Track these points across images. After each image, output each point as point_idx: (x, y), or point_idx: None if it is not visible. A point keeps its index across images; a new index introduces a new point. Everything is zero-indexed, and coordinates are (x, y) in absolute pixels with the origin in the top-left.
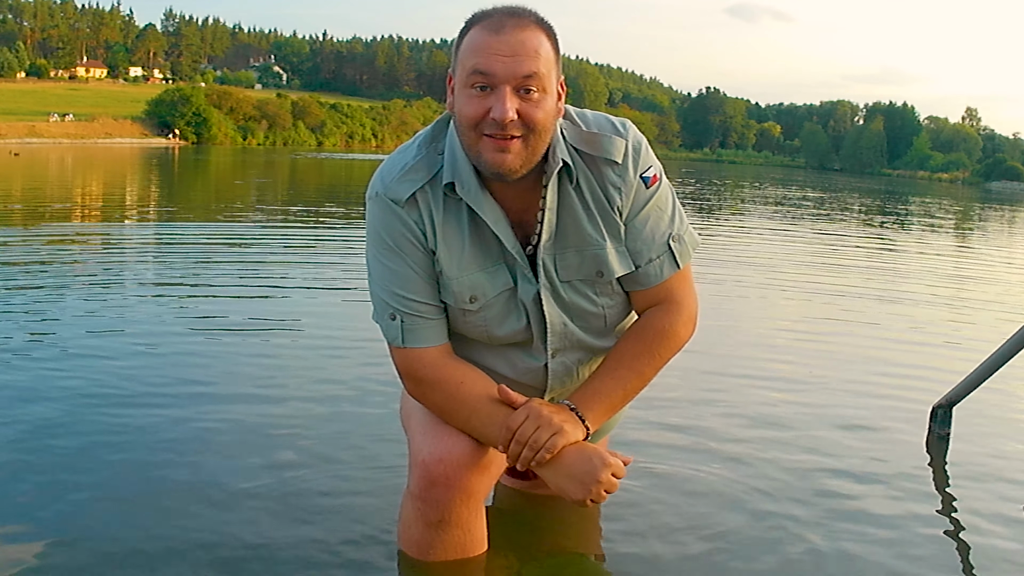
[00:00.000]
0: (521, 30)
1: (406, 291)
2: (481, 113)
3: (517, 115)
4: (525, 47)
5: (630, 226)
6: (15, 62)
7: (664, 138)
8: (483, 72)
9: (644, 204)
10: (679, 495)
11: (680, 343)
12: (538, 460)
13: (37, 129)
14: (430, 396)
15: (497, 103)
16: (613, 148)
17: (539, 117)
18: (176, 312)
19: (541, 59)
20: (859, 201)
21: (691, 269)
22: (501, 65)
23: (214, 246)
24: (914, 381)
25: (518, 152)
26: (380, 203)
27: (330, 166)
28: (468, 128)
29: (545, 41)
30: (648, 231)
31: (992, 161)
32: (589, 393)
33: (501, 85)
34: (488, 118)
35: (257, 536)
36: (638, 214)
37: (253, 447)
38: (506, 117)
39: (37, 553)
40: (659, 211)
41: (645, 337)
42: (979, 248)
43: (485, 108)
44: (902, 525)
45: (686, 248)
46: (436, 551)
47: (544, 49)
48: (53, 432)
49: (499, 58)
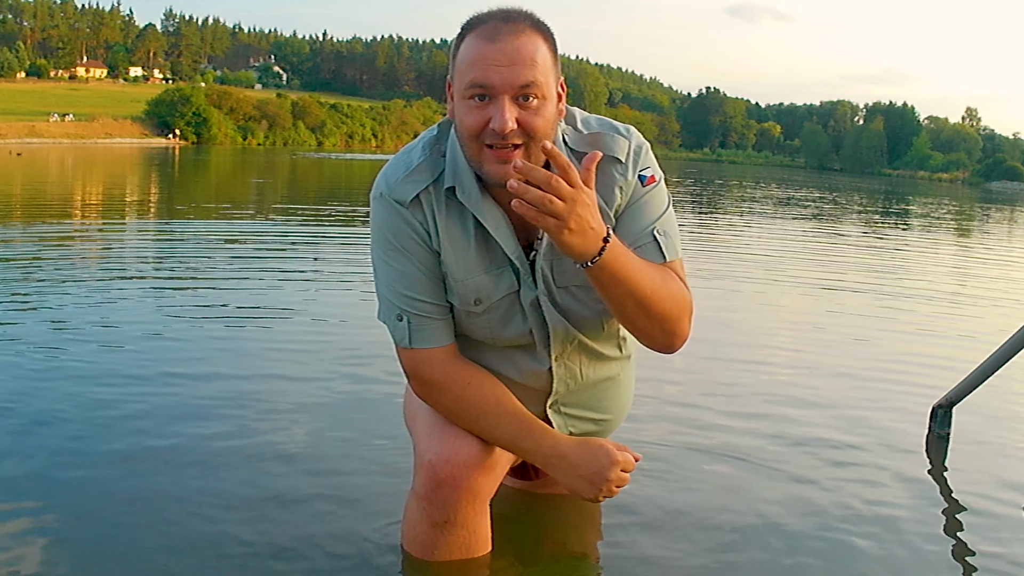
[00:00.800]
0: (516, 36)
1: (412, 291)
2: (481, 124)
3: (517, 123)
4: (521, 55)
5: (619, 219)
6: (15, 62)
7: (664, 138)
8: (480, 84)
9: (637, 200)
10: (680, 493)
11: (684, 305)
12: (541, 202)
13: (37, 129)
14: (437, 397)
15: (496, 114)
16: (616, 146)
17: (538, 124)
18: (178, 307)
19: (538, 66)
20: (860, 201)
21: (683, 268)
22: (498, 76)
23: (214, 242)
24: (914, 379)
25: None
26: (385, 204)
27: (330, 166)
28: (470, 139)
29: (542, 45)
30: (634, 222)
31: (992, 161)
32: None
33: (499, 95)
34: (488, 128)
35: (259, 534)
36: (629, 208)
37: (256, 444)
38: (505, 128)
39: (40, 547)
40: (650, 207)
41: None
42: (979, 247)
43: (485, 119)
44: (901, 525)
45: (672, 243)
46: (440, 551)
47: (541, 54)
48: (52, 425)
49: (495, 68)
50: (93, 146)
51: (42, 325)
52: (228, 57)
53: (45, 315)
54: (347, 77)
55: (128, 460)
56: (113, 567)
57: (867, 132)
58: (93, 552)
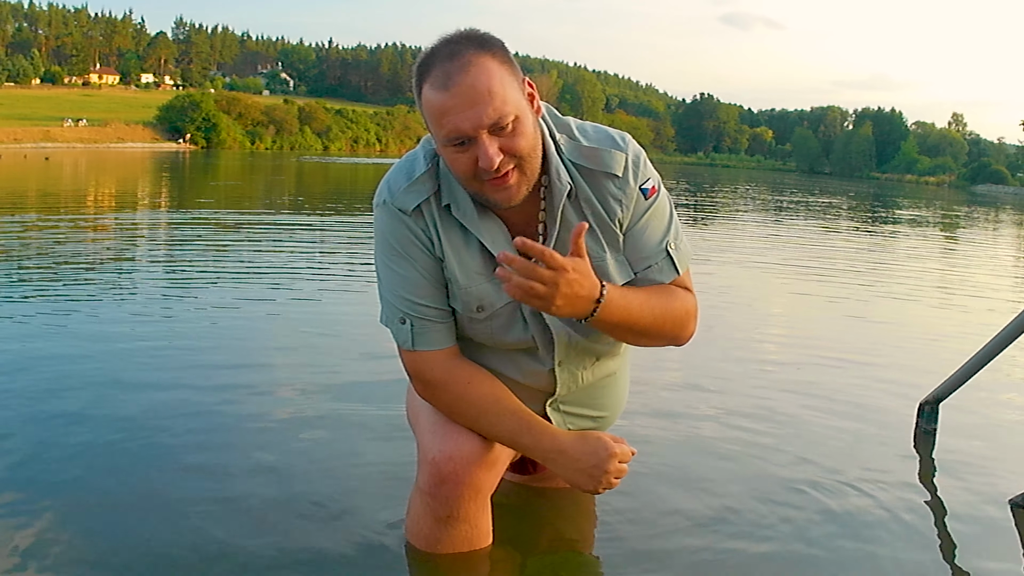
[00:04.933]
0: (465, 74)
1: (415, 296)
2: (471, 167)
3: (502, 152)
4: (477, 91)
5: (628, 235)
6: (30, 69)
7: (659, 143)
8: (454, 136)
9: (643, 214)
10: (672, 485)
11: (687, 318)
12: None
13: (51, 134)
14: (439, 397)
15: (480, 153)
16: (614, 162)
17: (522, 145)
18: (192, 303)
19: (497, 95)
20: (849, 203)
21: (691, 276)
22: (466, 122)
23: (226, 240)
24: (901, 376)
25: (517, 181)
26: (388, 210)
27: (336, 169)
28: (466, 181)
29: (492, 66)
30: (646, 239)
31: (977, 165)
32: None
33: (476, 136)
34: (479, 168)
35: (268, 526)
36: (637, 223)
37: (264, 439)
38: (492, 165)
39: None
40: (657, 220)
41: (672, 295)
42: (965, 246)
43: (472, 160)
44: (888, 518)
45: (683, 256)
46: (444, 544)
47: (496, 79)
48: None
49: (461, 116)
50: (106, 150)
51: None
52: (237, 64)
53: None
54: (352, 83)
55: (129, 453)
56: (119, 558)
57: (856, 137)
58: (95, 545)
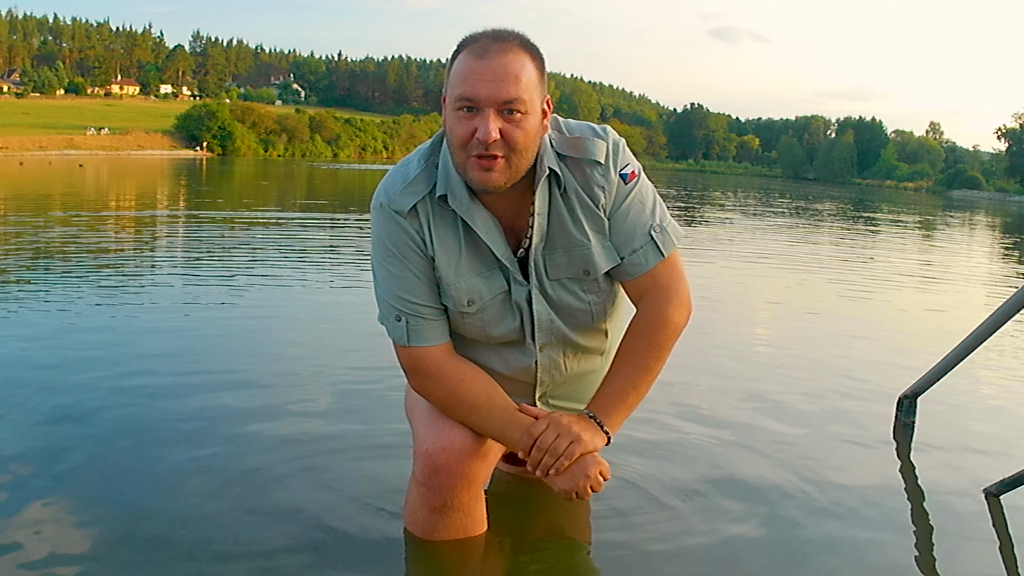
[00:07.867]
0: (504, 54)
1: (410, 295)
2: (468, 134)
3: (500, 134)
4: (507, 72)
5: (612, 220)
6: (55, 80)
7: (652, 150)
8: (468, 97)
9: (624, 198)
10: (661, 477)
11: (676, 329)
12: (556, 468)
13: (75, 142)
14: (433, 391)
15: (481, 124)
16: (595, 149)
17: (519, 137)
18: (201, 303)
19: (522, 83)
20: (832, 206)
21: (679, 258)
22: (484, 90)
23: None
24: (882, 370)
25: (502, 170)
26: (384, 213)
27: (344, 176)
28: (458, 148)
29: (528, 63)
30: (630, 224)
31: (954, 171)
32: (603, 399)
33: (485, 108)
34: (474, 139)
35: (272, 512)
36: (619, 208)
37: (268, 429)
38: (489, 138)
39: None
40: (639, 204)
41: (642, 332)
42: (942, 246)
43: (471, 129)
44: (867, 509)
45: (669, 238)
46: (439, 532)
47: (527, 72)
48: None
49: (483, 83)
50: (127, 157)
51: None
52: (251, 75)
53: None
54: (360, 94)
55: (131, 449)
56: (127, 549)
57: (839, 144)
58: (100, 538)
